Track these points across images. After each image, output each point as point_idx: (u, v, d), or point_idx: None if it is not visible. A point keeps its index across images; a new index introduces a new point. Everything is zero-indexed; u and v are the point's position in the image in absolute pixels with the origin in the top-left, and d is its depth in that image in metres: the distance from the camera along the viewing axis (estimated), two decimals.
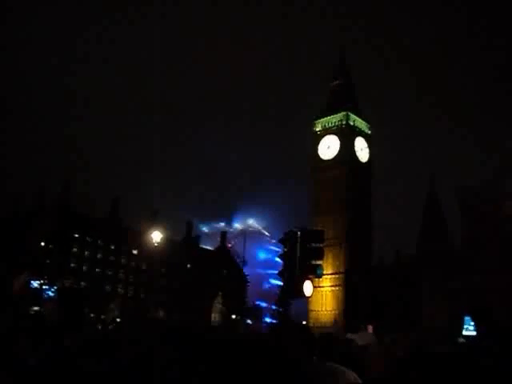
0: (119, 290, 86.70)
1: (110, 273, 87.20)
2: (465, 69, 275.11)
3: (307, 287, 13.14)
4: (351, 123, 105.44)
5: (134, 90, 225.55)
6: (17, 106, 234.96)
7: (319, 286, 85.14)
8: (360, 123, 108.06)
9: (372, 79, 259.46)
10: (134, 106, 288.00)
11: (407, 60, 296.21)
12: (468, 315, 53.02)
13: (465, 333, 48.93)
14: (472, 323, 50.25)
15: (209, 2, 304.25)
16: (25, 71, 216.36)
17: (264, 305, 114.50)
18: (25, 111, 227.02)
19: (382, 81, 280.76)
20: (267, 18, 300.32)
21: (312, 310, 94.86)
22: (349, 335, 8.52)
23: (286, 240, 13.46)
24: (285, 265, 13.51)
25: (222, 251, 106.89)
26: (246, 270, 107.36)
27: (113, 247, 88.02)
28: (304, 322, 75.52)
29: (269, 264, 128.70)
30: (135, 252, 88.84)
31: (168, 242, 66.57)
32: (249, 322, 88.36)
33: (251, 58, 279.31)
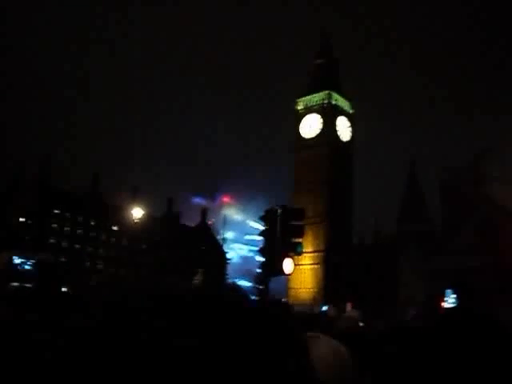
0: (99, 266, 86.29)
1: (90, 249, 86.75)
2: (452, 46, 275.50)
3: (287, 265, 13.21)
4: (333, 102, 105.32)
5: (113, 65, 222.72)
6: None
7: (299, 264, 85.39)
8: (342, 102, 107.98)
9: (355, 57, 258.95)
10: (115, 81, 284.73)
11: (392, 40, 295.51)
12: (449, 288, 53.92)
13: (446, 305, 49.93)
14: (453, 296, 51.18)
15: None
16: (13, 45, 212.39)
17: (244, 282, 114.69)
18: (7, 84, 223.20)
19: (365, 59, 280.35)
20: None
21: (291, 288, 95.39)
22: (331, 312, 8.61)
23: (267, 217, 13.48)
24: (265, 242, 13.55)
25: (203, 228, 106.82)
26: (226, 248, 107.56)
27: (93, 223, 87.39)
28: (284, 300, 76.00)
29: (248, 242, 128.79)
30: (115, 228, 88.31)
31: (149, 218, 66.38)
32: None
33: (233, 36, 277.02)
